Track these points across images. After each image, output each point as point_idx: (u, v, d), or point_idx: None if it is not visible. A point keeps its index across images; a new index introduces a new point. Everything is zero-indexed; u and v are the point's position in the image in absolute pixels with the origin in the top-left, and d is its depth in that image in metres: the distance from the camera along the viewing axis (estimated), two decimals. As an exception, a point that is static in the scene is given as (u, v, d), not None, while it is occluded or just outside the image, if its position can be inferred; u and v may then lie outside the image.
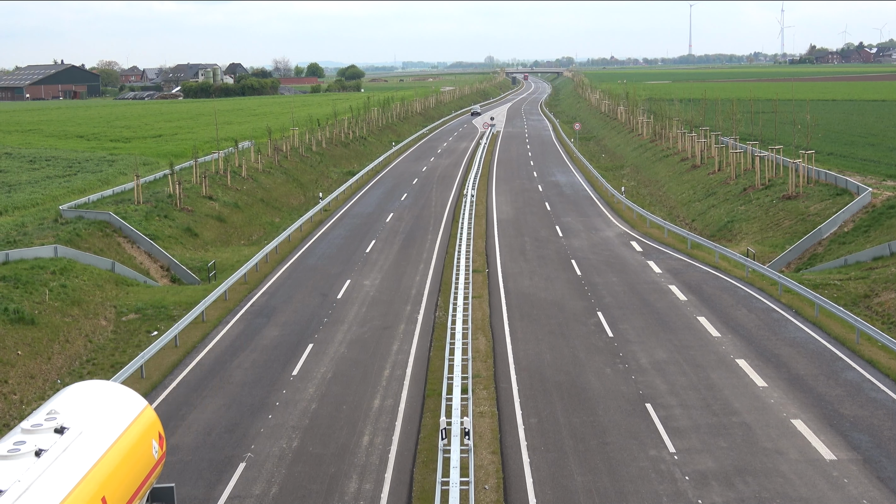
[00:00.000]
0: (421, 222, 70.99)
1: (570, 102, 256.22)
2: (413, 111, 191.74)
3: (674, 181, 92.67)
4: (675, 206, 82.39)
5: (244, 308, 46.73)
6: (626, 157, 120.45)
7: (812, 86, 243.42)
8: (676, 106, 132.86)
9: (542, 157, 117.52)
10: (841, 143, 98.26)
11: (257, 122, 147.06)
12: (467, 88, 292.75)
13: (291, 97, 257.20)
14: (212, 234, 67.96)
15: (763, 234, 64.08)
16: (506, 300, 46.84)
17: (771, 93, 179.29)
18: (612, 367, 36.13)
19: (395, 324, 43.02)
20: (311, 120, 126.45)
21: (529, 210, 75.90)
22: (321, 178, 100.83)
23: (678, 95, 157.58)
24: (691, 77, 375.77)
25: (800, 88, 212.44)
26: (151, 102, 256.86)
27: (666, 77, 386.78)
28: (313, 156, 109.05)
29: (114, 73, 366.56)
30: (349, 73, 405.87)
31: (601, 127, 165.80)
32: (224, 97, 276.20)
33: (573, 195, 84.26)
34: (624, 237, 63.70)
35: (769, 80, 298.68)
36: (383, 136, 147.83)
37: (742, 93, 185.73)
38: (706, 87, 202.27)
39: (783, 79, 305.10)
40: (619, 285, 49.35)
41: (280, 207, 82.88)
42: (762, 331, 40.59)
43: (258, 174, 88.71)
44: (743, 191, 75.55)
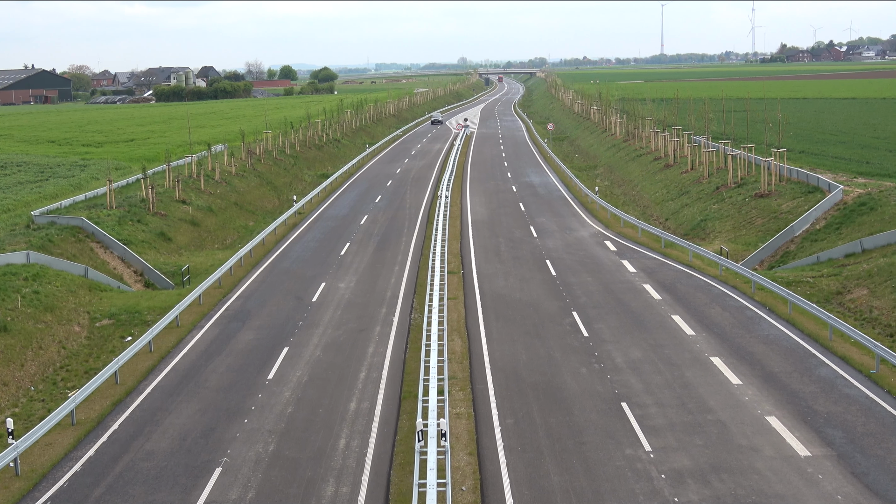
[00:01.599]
0: (395, 224, 70.94)
1: (543, 103, 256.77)
2: (387, 113, 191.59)
3: (647, 181, 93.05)
4: (648, 206, 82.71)
5: (219, 312, 46.54)
6: (600, 157, 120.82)
7: (783, 84, 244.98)
8: (649, 105, 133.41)
9: (516, 158, 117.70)
10: (812, 141, 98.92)
11: (230, 126, 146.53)
12: (441, 90, 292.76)
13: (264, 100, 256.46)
14: (185, 238, 67.64)
15: (736, 232, 64.43)
16: (481, 301, 46.87)
17: (742, 91, 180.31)
18: (587, 367, 36.22)
19: (370, 326, 42.97)
20: (284, 123, 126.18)
21: (504, 211, 75.99)
22: (295, 181, 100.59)
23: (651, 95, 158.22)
24: (663, 77, 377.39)
25: (771, 87, 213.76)
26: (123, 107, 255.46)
27: (638, 77, 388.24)
28: (287, 159, 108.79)
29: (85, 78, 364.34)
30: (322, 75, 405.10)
31: (575, 127, 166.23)
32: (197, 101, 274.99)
33: (547, 196, 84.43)
34: (598, 237, 63.88)
35: (740, 79, 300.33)
36: (357, 138, 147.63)
37: (714, 92, 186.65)
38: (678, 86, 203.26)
39: (754, 77, 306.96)
40: (594, 285, 49.49)
41: (254, 211, 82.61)
42: (736, 329, 40.81)
43: (232, 178, 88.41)
44: (715, 189, 75.94)
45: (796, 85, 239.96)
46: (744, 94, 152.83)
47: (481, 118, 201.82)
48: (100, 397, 35.01)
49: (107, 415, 33.35)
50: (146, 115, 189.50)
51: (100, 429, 32.03)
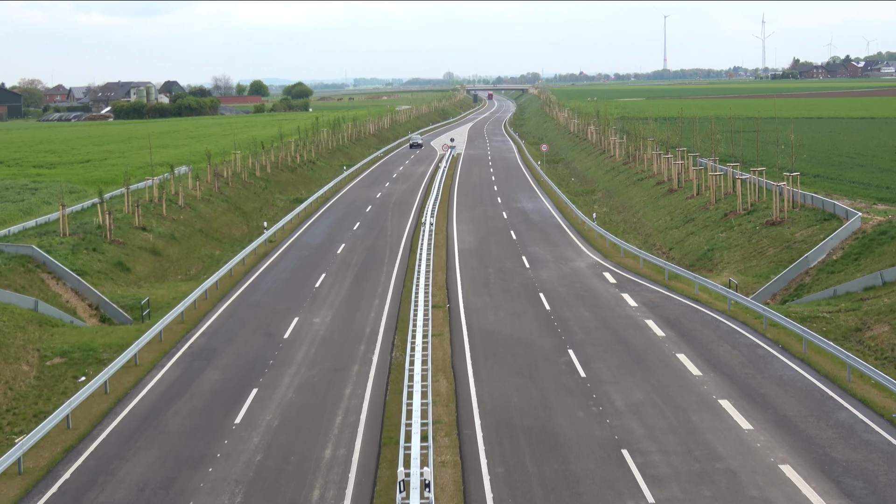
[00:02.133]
0: (375, 253, 70.91)
1: (536, 122, 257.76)
2: (366, 132, 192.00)
3: (649, 206, 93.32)
4: (650, 234, 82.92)
5: (181, 350, 46.34)
6: (598, 180, 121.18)
7: (796, 102, 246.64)
8: (651, 125, 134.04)
9: (507, 182, 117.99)
10: (828, 164, 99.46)
11: (195, 146, 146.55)
12: (425, 107, 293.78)
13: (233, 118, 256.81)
14: (145, 268, 67.43)
15: (746, 263, 64.60)
16: (469, 338, 46.79)
17: (752, 110, 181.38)
18: (584, 410, 36.15)
19: (347, 365, 42.84)
20: (254, 143, 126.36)
21: (494, 239, 76.06)
22: (266, 207, 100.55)
23: (653, 114, 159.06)
24: (667, 94, 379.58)
25: (783, 105, 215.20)
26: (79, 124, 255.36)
27: (639, 94, 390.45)
28: (257, 182, 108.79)
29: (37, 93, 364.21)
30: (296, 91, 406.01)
31: (570, 148, 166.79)
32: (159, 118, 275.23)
33: (541, 223, 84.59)
34: (596, 268, 63.95)
35: (750, 97, 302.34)
36: (334, 159, 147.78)
37: (721, 110, 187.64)
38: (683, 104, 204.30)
39: (765, 95, 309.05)
40: (592, 320, 49.48)
41: (221, 239, 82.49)
42: (746, 368, 40.82)
43: (197, 202, 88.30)
44: (724, 216, 76.20)
45: (810, 103, 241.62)
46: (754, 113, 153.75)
47: (469, 138, 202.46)
48: (50, 444, 34.74)
49: (57, 463, 33.09)
50: (104, 134, 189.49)
51: (49, 478, 31.76)
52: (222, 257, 74.19)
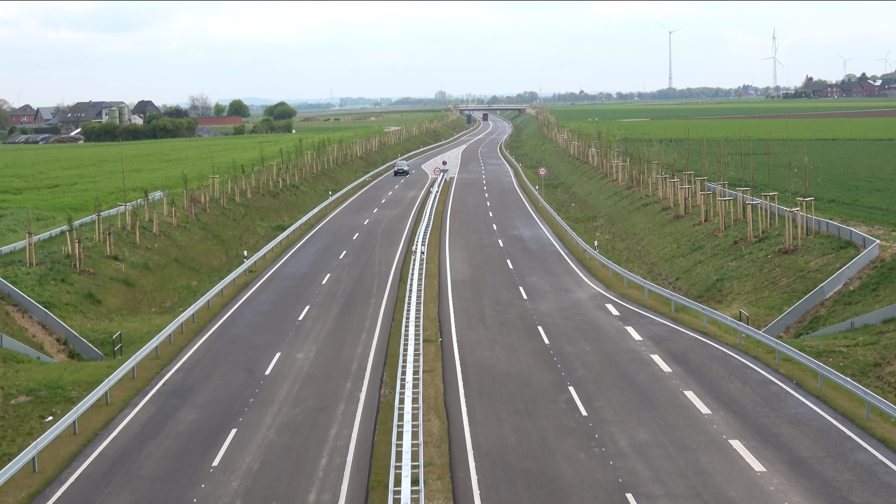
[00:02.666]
0: (363, 284, 70.90)
1: (533, 144, 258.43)
2: (353, 155, 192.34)
3: (654, 234, 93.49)
4: (656, 263, 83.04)
5: (156, 387, 46.22)
6: (600, 206, 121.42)
7: (809, 123, 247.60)
8: (656, 147, 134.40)
9: (503, 207, 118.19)
10: (843, 188, 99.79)
11: (171, 170, 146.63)
12: (415, 128, 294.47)
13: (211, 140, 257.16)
14: (117, 300, 67.32)
15: (757, 293, 64.69)
16: (462, 374, 46.73)
17: (763, 131, 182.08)
18: (586, 452, 36.09)
19: (333, 404, 42.75)
20: (234, 166, 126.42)
21: (489, 269, 76.10)
22: (246, 234, 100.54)
23: (658, 135, 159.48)
24: (672, 114, 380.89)
25: (796, 126, 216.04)
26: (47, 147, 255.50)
27: (643, 114, 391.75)
28: (237, 208, 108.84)
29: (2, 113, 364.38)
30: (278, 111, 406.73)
31: (570, 172, 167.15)
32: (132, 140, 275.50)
33: (539, 251, 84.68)
34: (598, 299, 63.99)
35: (761, 117, 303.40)
36: (318, 184, 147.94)
37: (730, 132, 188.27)
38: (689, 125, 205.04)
39: (777, 115, 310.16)
40: (594, 355, 49.47)
41: (198, 269, 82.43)
42: (759, 406, 40.81)
43: (172, 230, 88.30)
44: (733, 244, 76.35)
45: (824, 124, 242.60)
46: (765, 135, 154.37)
47: (463, 161, 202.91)
48: (14, 488, 34.59)
49: (22, 509, 32.92)
50: (73, 157, 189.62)
51: (13, 526, 31.60)
52: (199, 288, 74.11)
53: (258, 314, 61.77)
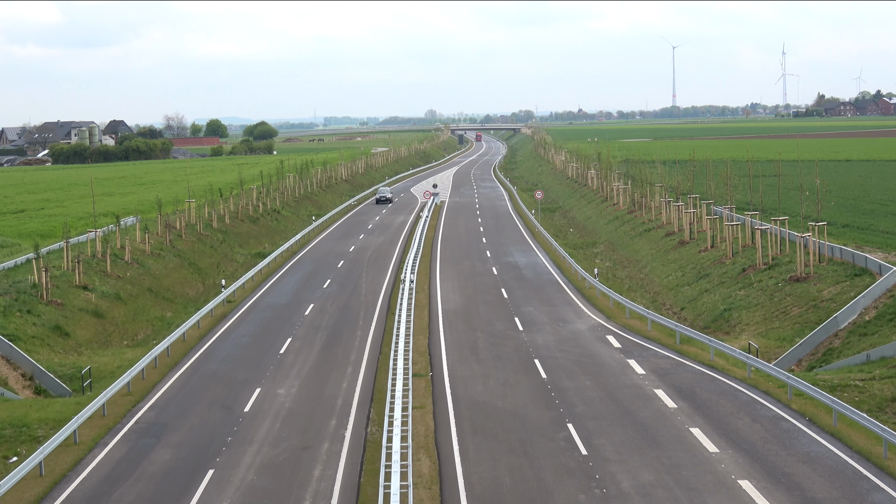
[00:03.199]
0: (348, 315, 70.84)
1: (529, 165, 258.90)
2: (338, 178, 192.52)
3: (658, 261, 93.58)
4: (659, 292, 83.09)
5: (127, 425, 46.07)
6: (600, 231, 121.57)
7: (822, 143, 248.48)
8: (659, 169, 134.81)
9: (497, 233, 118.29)
10: (858, 212, 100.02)
11: (145, 193, 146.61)
12: (404, 149, 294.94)
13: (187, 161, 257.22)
14: (87, 332, 67.16)
15: (767, 324, 64.73)
16: (454, 411, 46.65)
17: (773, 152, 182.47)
18: (586, 493, 36.02)
19: (316, 443, 42.64)
20: (211, 190, 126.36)
21: (482, 298, 76.10)
22: (224, 262, 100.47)
23: (661, 156, 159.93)
24: (676, 133, 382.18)
25: (807, 146, 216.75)
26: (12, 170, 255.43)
27: (646, 134, 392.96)
28: (214, 234, 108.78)
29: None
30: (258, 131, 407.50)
31: (568, 195, 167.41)
32: (103, 162, 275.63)
33: (535, 279, 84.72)
34: (598, 330, 63.99)
35: (770, 137, 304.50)
36: (301, 208, 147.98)
37: (738, 152, 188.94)
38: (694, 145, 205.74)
39: (787, 135, 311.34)
40: (594, 390, 49.43)
41: (173, 299, 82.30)
42: (769, 444, 40.78)
43: (145, 258, 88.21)
44: (742, 272, 76.45)
45: (837, 144, 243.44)
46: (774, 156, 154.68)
47: (454, 184, 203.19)
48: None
49: (-16, 557, 32.77)
50: (40, 181, 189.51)
51: (-25, 575, 31.42)
52: (174, 320, 73.99)
53: (237, 347, 61.66)
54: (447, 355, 57.90)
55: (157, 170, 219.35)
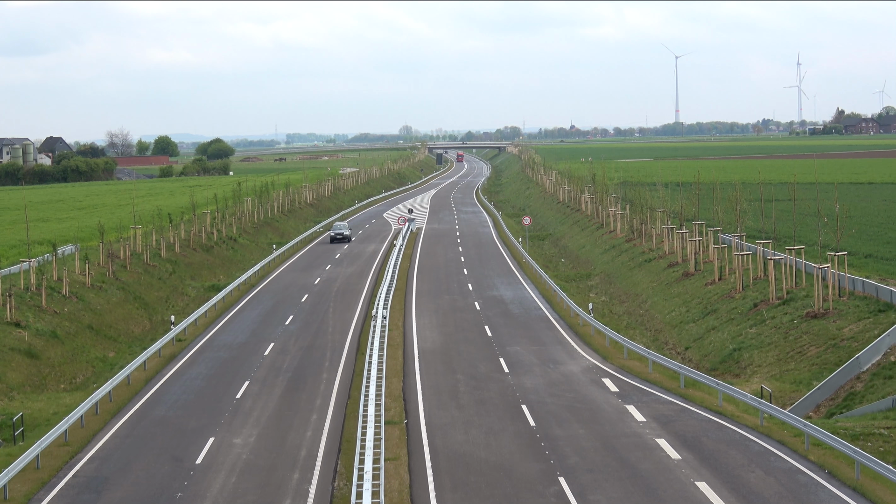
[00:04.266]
0: (313, 355, 70.73)
1: (516, 188, 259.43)
2: (302, 201, 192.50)
3: (659, 294, 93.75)
4: (661, 329, 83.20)
5: (64, 479, 45.81)
6: (595, 261, 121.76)
7: (842, 163, 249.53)
8: (660, 192, 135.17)
9: (480, 264, 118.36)
10: (881, 241, 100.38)
11: (85, 219, 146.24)
12: (376, 170, 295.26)
13: (133, 183, 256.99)
14: (19, 375, 66.86)
15: (782, 366, 64.85)
16: (432, 463, 46.56)
17: (787, 174, 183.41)
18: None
19: (277, 499, 42.49)
20: (159, 215, 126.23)
21: (463, 336, 76.09)
22: (174, 296, 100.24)
23: (663, 178, 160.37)
24: (680, 153, 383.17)
25: (825, 167, 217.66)
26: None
27: (646, 153, 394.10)
28: (163, 265, 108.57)
29: None
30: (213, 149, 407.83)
31: (559, 221, 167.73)
32: (38, 184, 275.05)
33: (523, 315, 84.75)
34: (593, 372, 64.02)
35: (784, 157, 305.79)
36: (260, 235, 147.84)
37: (748, 174, 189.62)
38: (700, 166, 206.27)
39: (803, 154, 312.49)
40: (588, 440, 49.41)
41: (116, 337, 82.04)
42: (785, 500, 40.81)
43: (86, 291, 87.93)
44: (753, 307, 76.63)
45: (859, 164, 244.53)
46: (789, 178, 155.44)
47: (432, 209, 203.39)
48: None
49: None
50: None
51: None
52: (118, 360, 73.73)
53: (188, 391, 61.47)
54: (424, 400, 57.83)
55: (100, 192, 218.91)
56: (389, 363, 66.80)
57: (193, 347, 74.68)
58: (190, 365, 69.02)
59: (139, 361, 66.69)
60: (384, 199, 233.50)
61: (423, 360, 68.61)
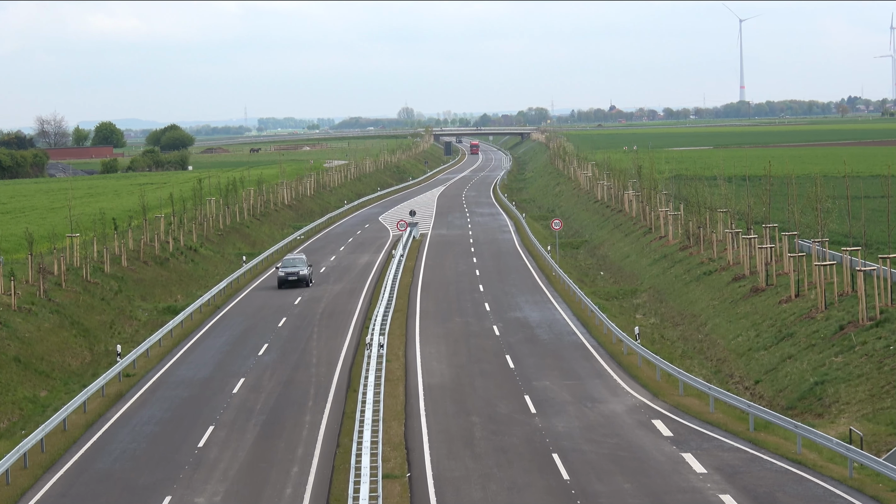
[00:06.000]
0: (293, 393, 70.68)
1: (543, 184, 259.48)
2: (278, 203, 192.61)
3: (722, 315, 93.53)
4: (725, 359, 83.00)
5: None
6: (642, 275, 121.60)
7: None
8: (723, 188, 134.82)
9: (500, 278, 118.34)
10: None
11: (9, 226, 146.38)
12: (370, 162, 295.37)
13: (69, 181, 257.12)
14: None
15: (875, 403, 64.65)
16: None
17: (880, 164, 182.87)
18: None
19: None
20: (103, 220, 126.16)
21: (479, 369, 76.02)
22: (120, 320, 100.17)
23: (725, 171, 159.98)
24: (746, 139, 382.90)
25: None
26: None
27: (704, 140, 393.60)
28: (107, 282, 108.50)
29: None
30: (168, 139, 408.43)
31: (597, 225, 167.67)
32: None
33: (553, 342, 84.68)
34: (641, 413, 63.91)
35: (876, 143, 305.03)
36: (227, 245, 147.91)
37: (832, 164, 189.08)
38: (771, 155, 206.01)
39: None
40: (636, 497, 49.35)
41: (49, 372, 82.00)
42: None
43: (11, 315, 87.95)
44: (839, 330, 76.45)
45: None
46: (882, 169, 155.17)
47: (439, 210, 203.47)
48: None
49: None
50: None
51: None
52: (51, 401, 73.70)
53: (139, 439, 61.48)
54: (431, 449, 57.79)
55: (28, 192, 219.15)
56: (388, 402, 66.73)
57: (145, 384, 74.70)
58: (141, 406, 69.01)
59: (78, 402, 66.67)
60: (380, 199, 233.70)
61: (429, 398, 68.54)
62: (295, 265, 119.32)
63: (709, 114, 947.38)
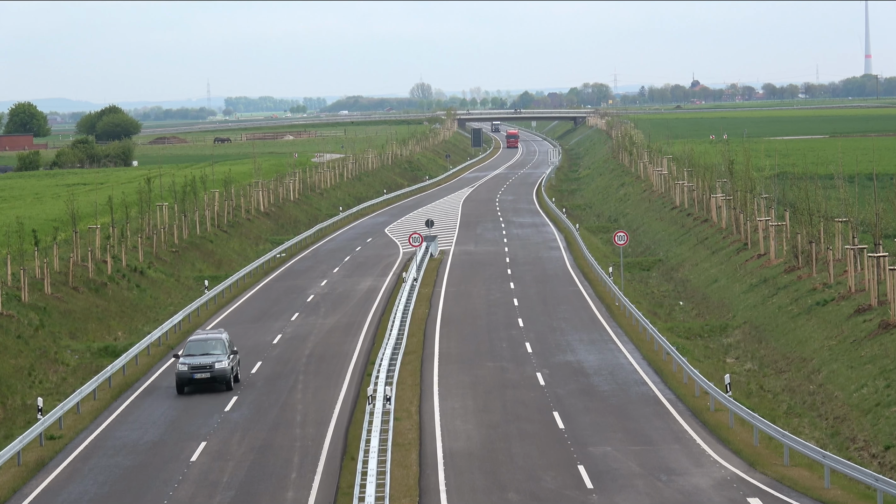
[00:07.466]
0: (270, 462, 70.69)
1: (602, 185, 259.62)
2: (251, 209, 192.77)
3: (840, 360, 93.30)
4: (845, 417, 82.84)
5: None
6: (734, 305, 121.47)
7: None
8: (842, 191, 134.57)
9: (545, 310, 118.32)
10: None
11: None
12: (372, 156, 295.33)
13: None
14: None
15: None
16: None
17: None
18: None
19: None
20: (19, 233, 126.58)
21: (518, 429, 75.97)
22: (42, 365, 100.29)
23: (845, 167, 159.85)
24: (872, 125, 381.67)
25: None
26: None
27: (817, 126, 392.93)
28: (24, 315, 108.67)
29: None
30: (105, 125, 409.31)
31: (675, 239, 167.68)
32: None
33: (616, 394, 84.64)
34: (734, 489, 63.80)
35: None
36: (184, 265, 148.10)
37: None
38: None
39: None
40: None
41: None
42: None
43: None
44: None
45: None
46: None
47: (464, 220, 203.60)
48: None
49: None
50: None
51: None
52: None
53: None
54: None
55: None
56: (396, 474, 66.67)
57: (75, 450, 74.80)
58: (69, 479, 69.07)
59: (-15, 475, 66.87)
60: (387, 205, 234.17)
61: (451, 468, 68.44)
62: (207, 351, 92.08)
63: (824, 91, 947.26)
